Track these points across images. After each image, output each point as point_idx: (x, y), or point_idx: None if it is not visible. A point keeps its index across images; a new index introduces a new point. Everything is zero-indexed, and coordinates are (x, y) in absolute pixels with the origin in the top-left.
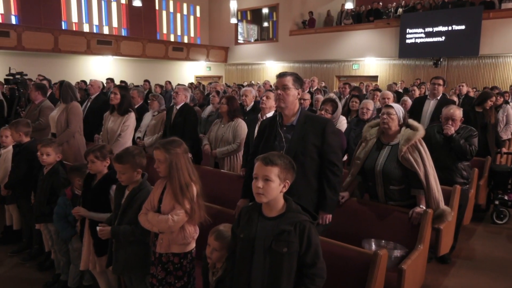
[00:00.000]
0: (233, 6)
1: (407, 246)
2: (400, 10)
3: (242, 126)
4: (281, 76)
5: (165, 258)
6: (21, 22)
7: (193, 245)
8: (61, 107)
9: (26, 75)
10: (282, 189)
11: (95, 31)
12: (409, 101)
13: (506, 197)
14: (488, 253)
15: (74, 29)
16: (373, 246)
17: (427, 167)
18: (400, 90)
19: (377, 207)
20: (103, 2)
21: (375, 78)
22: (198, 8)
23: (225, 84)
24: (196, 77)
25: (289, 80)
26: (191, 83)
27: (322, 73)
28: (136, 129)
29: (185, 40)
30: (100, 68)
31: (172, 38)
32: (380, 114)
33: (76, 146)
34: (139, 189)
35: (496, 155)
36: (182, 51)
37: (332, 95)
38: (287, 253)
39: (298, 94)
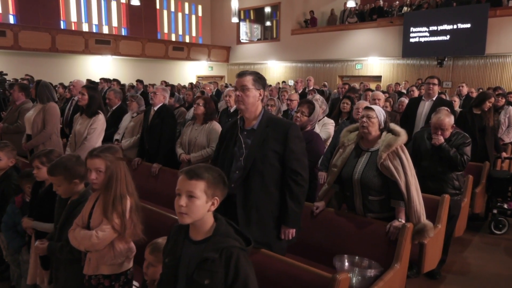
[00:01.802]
0: (235, 5)
1: (384, 264)
2: (405, 8)
3: (216, 129)
4: (240, 76)
5: (94, 281)
6: (19, 22)
7: (127, 265)
8: (37, 108)
9: (6, 74)
10: (210, 207)
11: (94, 30)
12: (407, 102)
13: (505, 206)
14: (482, 267)
15: (73, 28)
16: (346, 264)
17: (409, 177)
18: (404, 91)
19: (354, 219)
20: (102, 1)
21: (378, 78)
22: (200, 7)
23: (225, 84)
24: (198, 77)
25: (248, 80)
26: (191, 83)
27: (325, 73)
28: (115, 131)
29: (187, 39)
30: (99, 68)
31: (173, 38)
32: (359, 117)
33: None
34: (79, 202)
35: (495, 160)
36: (182, 50)
37: (318, 97)
38: (210, 285)
39: (260, 95)
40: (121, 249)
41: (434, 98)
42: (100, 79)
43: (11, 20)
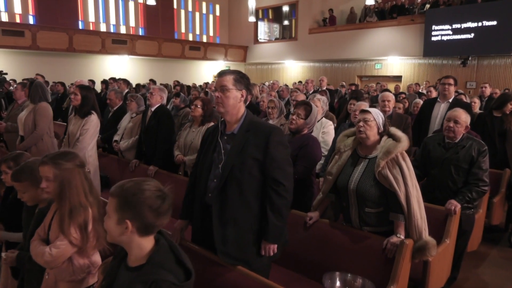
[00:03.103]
0: (251, 4)
1: (380, 284)
2: (427, 6)
3: None
4: (219, 75)
5: None
6: (38, 22)
7: (90, 280)
8: (29, 108)
9: (6, 74)
10: (124, 231)
11: (112, 30)
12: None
13: None
14: (499, 286)
15: (91, 28)
16: (337, 282)
17: (409, 187)
18: (424, 91)
19: (349, 233)
20: (120, 1)
21: (398, 78)
22: (217, 6)
23: None
24: (215, 77)
25: (228, 80)
26: (206, 83)
27: (344, 73)
28: (116, 132)
29: (204, 39)
30: (116, 68)
31: (190, 38)
32: (355, 121)
33: (45, 149)
34: (47, 209)
35: None
36: (199, 50)
37: (319, 97)
38: None
39: (242, 96)
40: (81, 264)
41: (450, 100)
42: (110, 78)
43: (31, 20)
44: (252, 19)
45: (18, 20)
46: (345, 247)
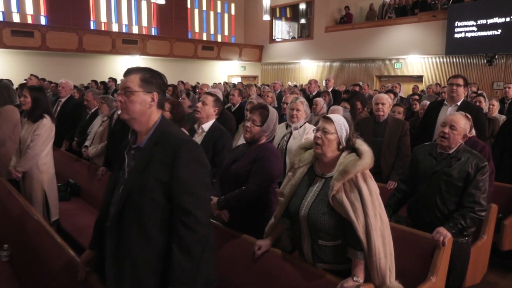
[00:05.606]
0: (266, 2)
1: None
2: (450, 1)
3: None
4: (124, 74)
5: None
6: (49, 23)
7: None
8: None
9: None
10: None
11: (124, 30)
12: None
13: None
14: None
15: (103, 29)
16: None
17: (370, 218)
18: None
19: (301, 269)
20: (132, 1)
21: (419, 78)
22: (232, 5)
23: (254, 84)
24: (230, 77)
25: (133, 81)
26: (197, 83)
27: (361, 72)
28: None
29: (219, 39)
30: (127, 68)
31: (204, 37)
32: (313, 130)
33: (7, 155)
34: None
35: None
36: (212, 50)
37: (304, 100)
38: None
39: (152, 99)
40: None
41: (459, 103)
42: (109, 78)
43: (42, 21)
44: (266, 17)
45: (30, 21)
46: (295, 286)
